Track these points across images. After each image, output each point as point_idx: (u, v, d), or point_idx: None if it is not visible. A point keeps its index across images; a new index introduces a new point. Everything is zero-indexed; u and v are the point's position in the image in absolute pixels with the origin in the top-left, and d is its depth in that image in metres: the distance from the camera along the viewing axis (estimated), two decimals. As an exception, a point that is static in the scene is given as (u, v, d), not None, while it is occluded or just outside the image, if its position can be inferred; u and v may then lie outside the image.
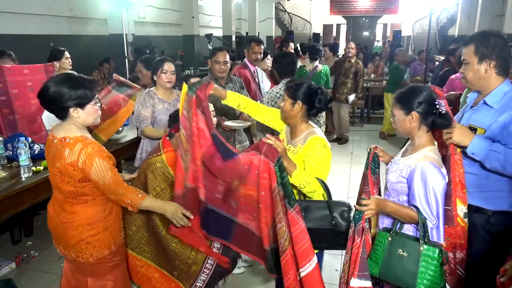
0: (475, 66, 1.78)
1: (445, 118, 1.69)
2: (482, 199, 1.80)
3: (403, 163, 1.77)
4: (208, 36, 11.24)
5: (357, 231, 1.69)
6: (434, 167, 1.65)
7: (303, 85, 1.99)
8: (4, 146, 2.92)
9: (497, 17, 11.22)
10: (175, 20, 12.83)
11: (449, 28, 15.64)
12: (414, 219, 1.68)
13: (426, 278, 1.60)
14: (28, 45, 7.52)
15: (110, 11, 9.08)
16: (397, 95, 1.80)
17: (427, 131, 1.75)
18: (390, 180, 1.83)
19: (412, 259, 1.63)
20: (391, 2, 19.26)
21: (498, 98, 1.77)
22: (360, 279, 1.64)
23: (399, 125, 1.79)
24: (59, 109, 1.74)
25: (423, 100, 1.70)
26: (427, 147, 1.73)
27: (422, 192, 1.65)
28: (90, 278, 1.94)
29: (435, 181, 1.64)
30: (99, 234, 1.85)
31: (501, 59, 1.75)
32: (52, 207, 1.90)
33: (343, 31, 23.65)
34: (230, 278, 2.61)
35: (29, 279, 2.94)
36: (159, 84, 2.90)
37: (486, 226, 1.80)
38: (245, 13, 17.41)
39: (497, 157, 1.66)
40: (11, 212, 2.55)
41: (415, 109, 1.71)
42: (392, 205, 1.72)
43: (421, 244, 1.62)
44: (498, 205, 1.78)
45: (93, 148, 1.73)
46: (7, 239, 3.41)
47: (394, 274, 1.68)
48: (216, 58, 3.11)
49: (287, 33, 16.41)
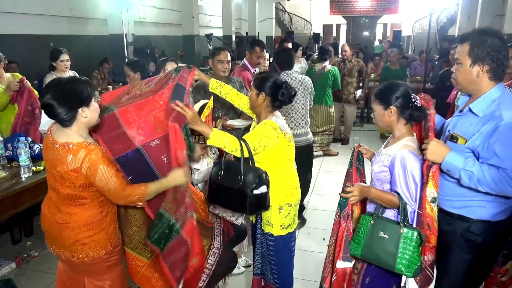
0: (467, 68, 1.67)
1: (421, 111, 1.83)
2: (463, 207, 1.74)
3: (384, 153, 1.90)
4: (208, 36, 11.25)
5: (343, 217, 1.89)
6: (412, 154, 1.78)
7: (269, 78, 2.16)
8: (4, 146, 2.92)
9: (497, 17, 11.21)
10: (175, 20, 12.83)
11: (449, 28, 15.64)
12: (395, 204, 1.80)
13: (405, 258, 1.72)
14: (28, 45, 7.52)
15: (110, 11, 9.08)
16: (376, 92, 1.92)
17: (405, 123, 1.87)
18: (374, 170, 1.95)
19: (392, 241, 1.74)
20: (391, 2, 19.25)
21: (485, 106, 1.65)
22: (344, 260, 1.88)
23: (379, 119, 1.92)
24: (69, 116, 1.71)
25: (400, 95, 1.83)
26: (407, 137, 1.86)
27: (402, 178, 1.77)
28: (87, 278, 1.94)
29: (414, 167, 1.76)
30: (95, 235, 1.84)
31: (496, 63, 1.62)
32: (47, 207, 1.90)
33: (343, 31, 23.64)
34: (230, 278, 2.62)
35: (29, 279, 2.94)
36: None
37: (465, 234, 1.73)
38: (245, 13, 17.41)
39: (470, 176, 1.58)
40: (11, 212, 2.55)
41: (393, 103, 1.83)
42: (375, 191, 1.86)
43: (401, 227, 1.73)
44: (480, 214, 1.70)
45: (97, 154, 1.73)
46: (7, 239, 3.41)
47: (375, 255, 1.80)
48: (219, 58, 3.11)
49: (287, 33, 16.40)
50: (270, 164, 2.15)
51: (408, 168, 1.75)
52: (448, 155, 1.62)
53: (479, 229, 1.70)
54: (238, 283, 2.87)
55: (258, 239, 2.33)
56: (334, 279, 1.94)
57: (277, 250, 2.24)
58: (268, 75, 2.20)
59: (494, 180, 1.54)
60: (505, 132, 1.55)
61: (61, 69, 4.00)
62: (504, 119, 1.56)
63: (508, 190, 1.55)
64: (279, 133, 2.08)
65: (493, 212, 1.69)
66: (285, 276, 2.31)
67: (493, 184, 1.55)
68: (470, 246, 1.73)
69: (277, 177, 2.17)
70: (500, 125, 1.56)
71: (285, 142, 2.13)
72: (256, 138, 2.03)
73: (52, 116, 1.73)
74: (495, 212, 1.69)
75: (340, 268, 1.90)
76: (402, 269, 1.72)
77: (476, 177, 1.57)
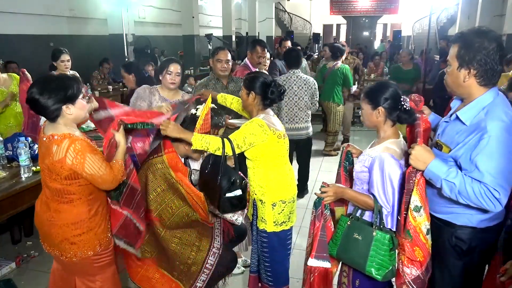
0: (455, 71, 1.58)
1: (409, 114, 1.79)
2: (449, 213, 1.70)
3: (367, 154, 1.88)
4: (208, 36, 11.25)
5: (317, 216, 1.89)
6: (392, 158, 1.74)
7: (258, 78, 2.22)
8: (4, 146, 2.92)
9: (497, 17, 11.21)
10: (175, 20, 12.83)
11: (449, 28, 15.63)
12: (370, 206, 1.79)
13: (376, 261, 1.73)
14: (28, 45, 7.51)
15: (110, 11, 9.08)
16: (365, 91, 1.90)
17: (392, 125, 1.85)
18: (356, 169, 1.94)
19: (365, 243, 1.75)
20: (391, 2, 19.25)
21: (473, 114, 1.56)
22: (318, 259, 1.84)
23: (366, 119, 1.90)
24: (52, 111, 1.74)
25: (389, 96, 1.80)
26: (390, 140, 1.83)
27: (380, 181, 1.75)
28: (78, 277, 1.95)
29: (392, 171, 1.73)
30: (83, 234, 1.84)
31: (484, 67, 1.50)
32: (40, 204, 1.91)
33: (343, 31, 23.64)
34: (230, 278, 2.62)
35: (29, 279, 2.94)
36: (163, 84, 2.88)
37: (451, 240, 1.69)
38: (245, 13, 17.40)
39: (452, 188, 1.51)
40: (11, 212, 2.55)
41: (381, 104, 1.80)
42: (350, 192, 1.86)
43: (374, 229, 1.74)
44: (464, 221, 1.66)
45: (82, 144, 1.74)
46: (7, 239, 3.41)
47: (349, 255, 1.82)
48: (218, 57, 3.12)
49: (287, 33, 16.40)
50: (261, 161, 2.19)
51: (386, 172, 1.73)
52: (431, 163, 1.55)
53: (465, 235, 1.66)
54: (238, 283, 2.87)
55: (253, 236, 2.36)
56: (312, 280, 1.93)
57: (271, 246, 2.26)
58: (257, 75, 2.26)
59: (475, 194, 1.48)
60: (487, 145, 1.47)
61: (61, 69, 4.01)
62: (488, 131, 1.47)
63: (487, 205, 1.48)
64: (266, 129, 2.10)
65: (479, 219, 1.64)
66: (278, 273, 2.32)
67: (473, 197, 1.48)
68: (458, 252, 1.69)
69: (270, 174, 2.19)
70: (484, 138, 1.48)
71: (274, 139, 2.15)
72: (241, 136, 2.07)
73: (36, 111, 1.76)
74: (481, 219, 1.63)
75: (313, 266, 1.87)
76: (372, 271, 1.73)
77: (458, 189, 1.50)
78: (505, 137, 1.46)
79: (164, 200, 2.10)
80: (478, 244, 1.66)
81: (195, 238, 2.18)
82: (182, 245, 2.14)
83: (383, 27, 23.08)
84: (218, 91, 3.14)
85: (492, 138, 1.46)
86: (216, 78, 3.21)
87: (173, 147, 2.15)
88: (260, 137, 2.09)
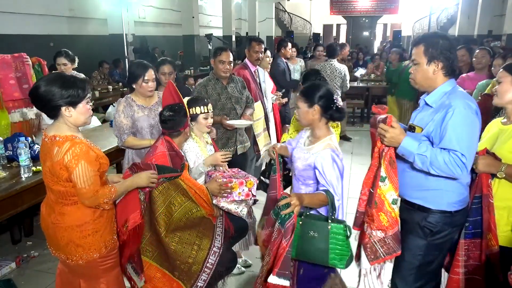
0: (424, 67, 1.80)
1: (340, 112, 2.01)
2: (422, 198, 1.84)
3: (308, 152, 1.99)
4: (208, 36, 11.21)
5: (285, 231, 1.70)
6: (334, 152, 1.91)
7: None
8: (4, 146, 2.92)
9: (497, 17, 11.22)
10: (175, 20, 12.83)
11: (449, 28, 15.63)
12: (325, 202, 1.86)
13: (336, 252, 1.82)
14: (28, 45, 7.50)
15: (110, 11, 9.08)
16: (301, 90, 2.05)
17: (326, 123, 2.01)
18: (298, 167, 2.03)
19: (322, 238, 1.83)
20: (391, 2, 19.25)
21: (438, 98, 1.80)
22: (279, 277, 1.68)
23: (302, 117, 2.02)
24: (51, 108, 1.73)
25: (323, 95, 1.96)
26: (328, 136, 1.99)
27: (334, 176, 1.87)
28: (83, 280, 1.94)
29: (341, 165, 1.91)
30: (88, 236, 1.83)
31: (448, 60, 1.77)
32: (45, 207, 1.90)
33: (343, 31, 23.63)
34: (230, 278, 2.62)
35: (29, 279, 2.94)
36: (139, 92, 2.67)
37: (421, 222, 1.84)
38: (245, 13, 17.40)
39: (424, 160, 1.68)
40: (11, 212, 2.55)
41: (316, 102, 1.95)
42: (306, 198, 1.83)
43: (329, 223, 1.82)
44: (437, 204, 1.81)
45: (81, 149, 1.71)
46: (7, 239, 3.40)
47: (308, 253, 1.87)
48: (221, 58, 3.10)
49: (287, 33, 16.41)
50: None
51: (335, 166, 1.88)
52: (404, 141, 1.71)
53: (435, 219, 1.82)
54: (238, 283, 2.87)
55: None
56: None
57: None
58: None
59: (445, 162, 1.64)
60: (452, 117, 1.67)
61: (59, 71, 3.91)
62: (452, 105, 1.69)
63: (456, 172, 1.64)
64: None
65: (449, 202, 1.80)
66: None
67: (444, 166, 1.64)
68: (425, 233, 1.84)
69: None
70: (449, 111, 1.69)
71: None
72: None
73: (36, 105, 1.76)
74: (451, 202, 1.80)
75: (272, 283, 1.68)
76: (335, 263, 1.84)
77: (429, 161, 1.66)
78: (466, 111, 1.69)
79: (167, 198, 2.09)
80: (445, 227, 1.82)
81: (195, 237, 2.18)
82: (183, 244, 2.14)
83: (383, 27, 23.07)
84: (217, 91, 3.14)
85: (456, 111, 1.68)
86: (216, 79, 3.19)
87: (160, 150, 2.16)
88: None
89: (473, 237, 1.84)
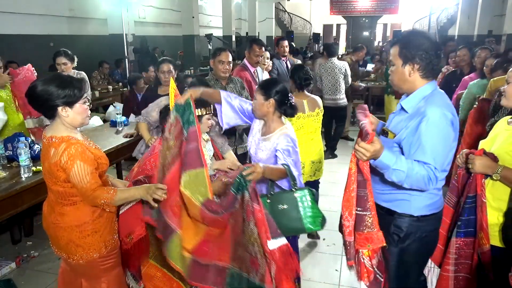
0: (399, 68, 1.71)
1: (293, 109, 2.15)
2: (389, 201, 1.78)
3: (269, 142, 2.12)
4: (208, 36, 11.23)
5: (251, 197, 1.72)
6: (290, 137, 2.08)
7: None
8: (4, 146, 2.92)
9: (497, 17, 11.23)
10: (175, 20, 12.83)
11: (449, 28, 15.63)
12: (284, 174, 1.98)
13: (308, 216, 1.91)
14: (28, 45, 7.51)
15: (110, 11, 9.07)
16: (260, 83, 2.21)
17: (279, 116, 2.14)
18: (262, 159, 2.14)
19: (292, 207, 1.92)
20: (391, 2, 19.27)
21: (415, 103, 1.70)
22: (276, 238, 1.71)
23: (258, 108, 2.13)
24: (48, 108, 1.73)
25: (279, 91, 2.09)
26: (282, 126, 2.14)
27: (286, 151, 2.02)
28: (84, 279, 1.95)
29: (293, 143, 2.07)
30: (88, 237, 1.83)
31: (425, 61, 1.65)
32: (46, 207, 1.91)
33: (343, 31, 23.64)
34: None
35: (29, 279, 2.94)
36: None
37: (390, 228, 1.76)
38: (245, 13, 17.40)
39: (400, 174, 1.57)
40: (11, 212, 2.55)
41: (272, 96, 2.08)
42: (267, 168, 1.90)
43: (294, 191, 1.93)
44: (403, 209, 1.75)
45: (77, 149, 1.71)
46: (7, 239, 3.40)
47: (283, 226, 1.85)
48: (220, 58, 3.11)
49: (287, 33, 16.39)
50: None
51: (290, 145, 2.04)
52: (382, 154, 1.57)
53: (402, 223, 1.75)
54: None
55: None
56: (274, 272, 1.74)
57: None
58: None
59: (420, 178, 1.57)
60: (428, 127, 1.59)
61: (59, 70, 3.88)
62: (427, 115, 1.60)
63: (428, 186, 1.60)
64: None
65: (416, 207, 1.73)
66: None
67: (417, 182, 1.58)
68: (395, 240, 1.77)
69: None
70: (423, 121, 1.60)
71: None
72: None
73: (33, 106, 1.76)
74: (418, 207, 1.73)
75: (274, 249, 1.70)
76: (311, 227, 1.92)
77: (405, 175, 1.57)
78: (441, 122, 1.60)
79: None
80: (413, 231, 1.75)
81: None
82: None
83: (383, 27, 23.08)
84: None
85: (430, 121, 1.59)
86: (215, 79, 3.20)
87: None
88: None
89: (465, 236, 1.79)
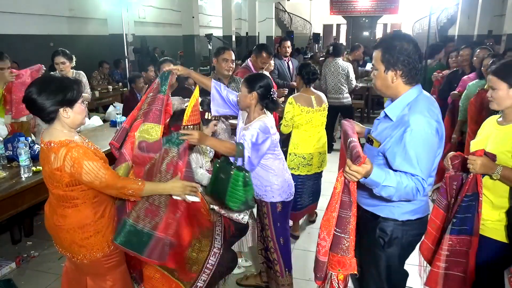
0: (382, 74, 1.67)
1: (274, 104, 2.28)
2: (373, 205, 1.77)
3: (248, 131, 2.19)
4: (208, 36, 11.22)
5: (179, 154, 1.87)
6: (262, 126, 2.19)
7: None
8: (4, 146, 2.92)
9: (497, 17, 11.22)
10: (175, 20, 12.83)
11: (449, 28, 15.63)
12: (232, 151, 2.10)
13: (231, 195, 2.06)
14: (28, 45, 7.51)
15: (110, 11, 9.07)
16: (246, 77, 2.32)
17: (260, 109, 2.28)
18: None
19: (226, 180, 2.07)
20: (391, 2, 19.25)
21: (399, 110, 1.67)
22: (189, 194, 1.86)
23: (241, 100, 2.29)
24: (48, 112, 1.71)
25: (263, 85, 2.23)
26: (261, 115, 2.27)
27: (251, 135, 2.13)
28: (89, 277, 1.95)
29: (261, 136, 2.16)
30: (91, 237, 1.84)
31: (407, 67, 1.62)
32: (48, 208, 1.91)
33: (343, 31, 23.63)
34: (230, 278, 2.62)
35: (29, 279, 2.94)
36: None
37: (376, 232, 1.76)
38: (245, 13, 17.40)
39: (389, 190, 1.55)
40: (11, 212, 2.55)
41: (255, 90, 2.21)
42: (211, 139, 2.13)
43: (232, 169, 2.06)
44: (387, 213, 1.74)
45: (78, 151, 1.71)
46: (7, 239, 3.40)
47: (216, 191, 2.16)
48: (224, 56, 3.16)
49: (287, 33, 16.40)
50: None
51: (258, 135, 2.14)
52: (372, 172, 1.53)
53: (387, 227, 1.74)
54: (239, 283, 2.86)
55: None
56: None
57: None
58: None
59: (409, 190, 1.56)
60: (413, 137, 1.56)
61: (58, 71, 3.87)
62: (411, 124, 1.57)
63: (415, 197, 1.58)
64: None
65: (401, 212, 1.72)
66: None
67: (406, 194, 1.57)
68: (381, 244, 1.76)
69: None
70: (407, 131, 1.57)
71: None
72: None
73: (32, 111, 1.74)
74: (403, 212, 1.72)
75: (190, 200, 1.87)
76: (229, 203, 2.08)
77: (395, 190, 1.55)
78: (426, 131, 1.57)
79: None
80: (399, 236, 1.74)
81: (195, 239, 2.17)
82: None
83: (383, 27, 23.07)
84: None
85: (414, 131, 1.56)
86: (217, 78, 3.20)
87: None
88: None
89: (459, 234, 1.78)
